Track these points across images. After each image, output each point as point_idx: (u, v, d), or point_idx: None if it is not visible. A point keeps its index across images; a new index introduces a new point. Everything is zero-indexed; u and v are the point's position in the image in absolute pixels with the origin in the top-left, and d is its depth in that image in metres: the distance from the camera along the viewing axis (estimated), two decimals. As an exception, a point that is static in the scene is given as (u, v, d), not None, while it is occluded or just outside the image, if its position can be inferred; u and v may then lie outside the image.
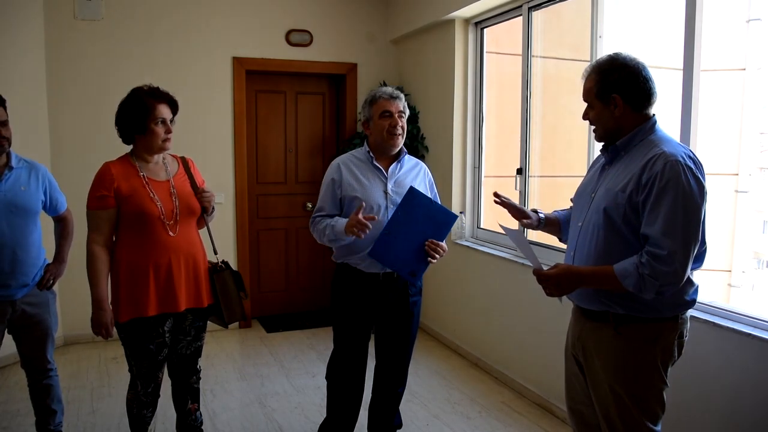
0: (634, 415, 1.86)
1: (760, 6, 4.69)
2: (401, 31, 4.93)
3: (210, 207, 2.54)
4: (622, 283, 1.78)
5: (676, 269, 1.72)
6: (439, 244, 2.54)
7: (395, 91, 2.64)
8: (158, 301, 2.36)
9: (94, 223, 2.35)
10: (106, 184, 2.32)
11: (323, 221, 2.62)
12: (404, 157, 2.71)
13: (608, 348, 1.90)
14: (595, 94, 1.91)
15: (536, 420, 3.30)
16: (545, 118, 4.05)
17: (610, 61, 1.90)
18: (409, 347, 2.78)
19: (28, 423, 3.10)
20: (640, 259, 1.75)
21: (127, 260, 2.35)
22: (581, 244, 1.97)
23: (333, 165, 2.70)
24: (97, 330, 2.36)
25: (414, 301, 2.72)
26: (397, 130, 2.59)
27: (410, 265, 2.55)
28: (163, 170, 2.47)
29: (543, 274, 1.92)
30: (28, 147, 3.30)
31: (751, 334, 2.28)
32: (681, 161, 1.76)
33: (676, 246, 1.72)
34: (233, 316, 2.54)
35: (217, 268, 2.55)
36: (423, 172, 2.77)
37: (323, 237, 2.61)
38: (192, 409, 2.63)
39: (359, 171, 2.63)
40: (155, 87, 2.42)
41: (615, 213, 1.84)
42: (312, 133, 5.26)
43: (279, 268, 5.25)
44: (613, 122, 1.91)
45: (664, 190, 1.74)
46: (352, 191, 2.59)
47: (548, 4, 3.61)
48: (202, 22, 4.65)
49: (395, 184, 2.64)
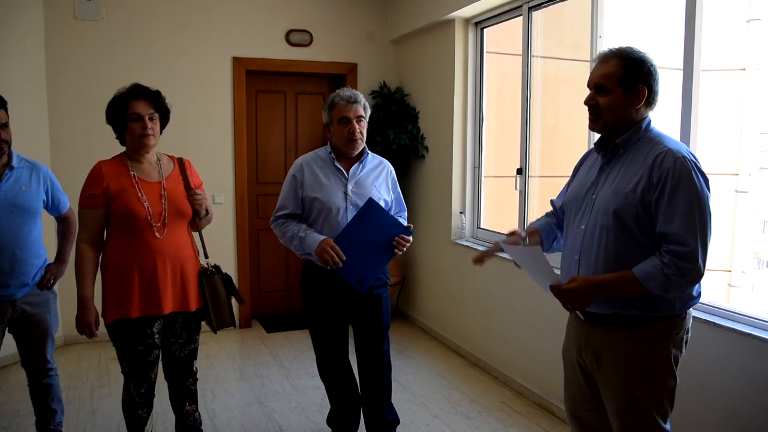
0: (649, 415, 1.84)
1: (760, 6, 4.69)
2: (401, 31, 4.93)
3: (201, 209, 2.48)
4: (646, 287, 1.74)
5: (699, 265, 1.72)
6: (406, 239, 2.61)
7: (354, 95, 2.65)
8: (141, 303, 2.34)
9: (84, 222, 2.36)
10: (95, 184, 2.33)
11: (289, 225, 2.66)
12: (367, 158, 2.73)
13: (623, 350, 1.86)
14: (618, 80, 1.83)
15: (536, 420, 3.30)
16: (545, 118, 4.05)
17: (635, 52, 1.85)
18: (381, 339, 2.79)
19: (28, 423, 3.10)
20: (662, 260, 1.73)
21: (114, 260, 2.35)
22: (587, 248, 1.92)
23: (296, 163, 2.74)
24: (80, 329, 2.36)
25: (379, 293, 2.74)
26: (355, 136, 2.62)
27: (359, 274, 2.57)
28: (156, 171, 2.44)
29: (564, 289, 1.85)
30: (28, 147, 3.30)
31: (751, 334, 2.28)
32: (688, 158, 1.76)
33: (696, 242, 1.72)
34: (222, 322, 2.51)
35: (208, 272, 2.50)
36: (386, 171, 2.80)
37: (289, 244, 2.66)
38: (190, 411, 2.61)
39: (321, 171, 2.67)
40: (134, 84, 2.42)
41: (626, 214, 1.81)
42: (312, 133, 5.26)
43: (279, 268, 5.25)
44: (627, 113, 1.86)
45: (678, 187, 1.73)
46: (313, 192, 2.63)
47: (548, 4, 3.61)
48: (202, 22, 4.66)
49: (356, 185, 2.67)
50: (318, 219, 2.64)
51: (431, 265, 4.77)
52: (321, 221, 2.64)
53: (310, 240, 2.56)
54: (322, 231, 2.61)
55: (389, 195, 2.77)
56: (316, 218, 2.65)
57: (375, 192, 2.68)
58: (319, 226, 2.64)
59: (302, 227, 2.63)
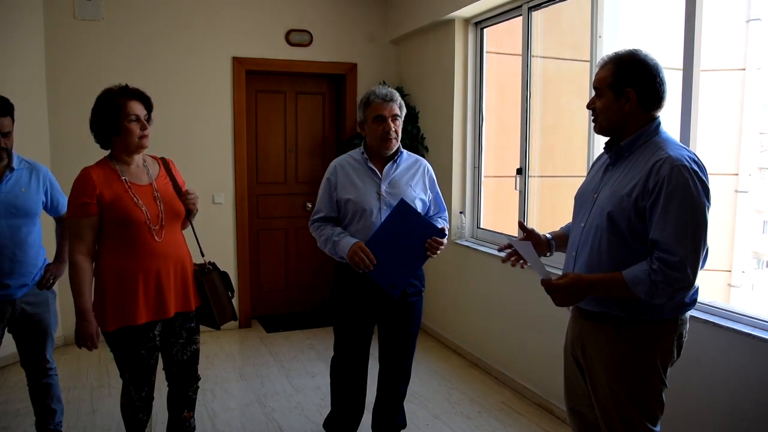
0: (633, 416, 1.86)
1: (760, 6, 4.69)
2: (401, 31, 4.93)
3: (195, 209, 2.47)
4: (633, 290, 1.76)
5: (688, 275, 1.72)
6: (439, 241, 2.54)
7: (389, 93, 2.60)
8: (148, 309, 2.29)
9: (76, 232, 2.25)
10: (87, 191, 2.22)
11: (324, 229, 2.63)
12: (401, 157, 2.68)
13: (607, 348, 1.89)
14: (608, 84, 1.88)
15: (536, 420, 3.30)
16: (545, 118, 4.05)
17: (630, 55, 1.88)
18: (409, 347, 2.78)
19: (28, 423, 3.10)
20: (651, 266, 1.74)
21: (114, 269, 2.26)
22: (583, 246, 1.95)
23: (330, 166, 2.71)
24: (81, 342, 2.29)
25: (412, 301, 2.71)
26: (390, 135, 2.57)
27: (391, 277, 2.52)
28: (144, 173, 2.38)
29: (553, 285, 1.88)
30: (27, 147, 3.30)
31: (751, 334, 2.29)
32: (687, 166, 1.75)
33: (687, 252, 1.71)
34: (224, 317, 2.51)
35: (205, 269, 2.49)
36: (423, 169, 2.73)
37: (324, 247, 2.63)
38: (187, 417, 2.58)
39: (354, 173, 2.63)
40: (124, 85, 2.35)
41: (620, 218, 1.82)
42: (312, 133, 5.26)
43: (279, 268, 5.24)
44: (619, 116, 1.89)
45: (672, 195, 1.73)
46: (346, 193, 2.60)
47: (548, 4, 3.61)
48: (202, 22, 4.65)
49: (390, 185, 2.62)
50: (352, 221, 2.61)
51: (431, 265, 4.75)
52: (355, 223, 2.60)
53: (342, 243, 2.53)
54: (357, 233, 2.57)
55: (426, 194, 2.70)
56: (351, 220, 2.61)
57: (410, 192, 2.62)
58: (353, 228, 2.60)
59: (336, 230, 2.60)
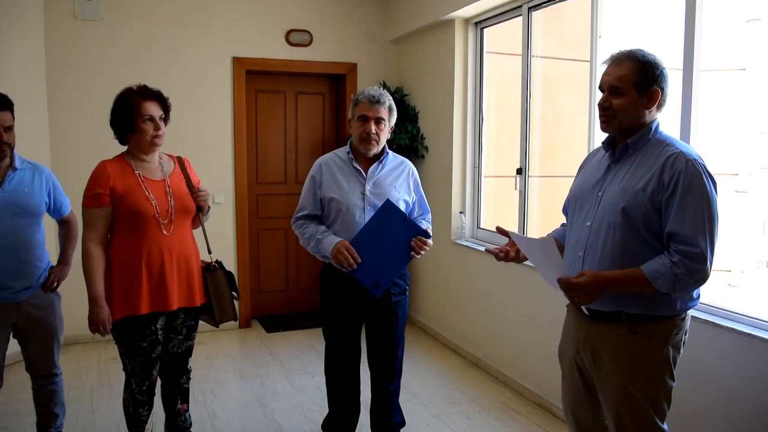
0: (647, 415, 1.85)
1: (760, 6, 4.68)
2: (401, 31, 4.93)
3: (205, 206, 2.56)
4: (654, 285, 1.75)
5: (707, 267, 1.74)
6: (424, 241, 2.55)
7: (379, 95, 2.59)
8: (150, 300, 2.37)
9: (90, 221, 2.36)
10: (101, 183, 2.34)
11: (308, 227, 2.64)
12: (387, 158, 2.68)
13: (622, 348, 1.87)
14: (633, 82, 1.84)
15: (536, 420, 3.30)
16: (545, 118, 4.05)
17: (648, 55, 1.86)
18: (394, 346, 2.75)
19: (28, 423, 3.10)
20: (672, 259, 1.74)
21: (121, 258, 2.37)
22: (592, 244, 1.92)
23: (315, 164, 2.72)
24: (94, 327, 2.34)
25: (397, 300, 2.70)
26: (370, 136, 2.57)
27: (375, 277, 2.53)
28: (159, 170, 2.49)
29: (573, 283, 1.85)
30: (27, 147, 3.30)
31: (751, 334, 2.29)
32: (699, 161, 1.78)
33: (706, 244, 1.74)
34: (225, 315, 2.56)
35: (211, 267, 2.56)
36: (408, 171, 2.74)
37: (306, 245, 2.64)
38: (181, 410, 2.64)
39: (339, 172, 2.64)
40: (143, 86, 2.43)
41: (635, 212, 1.82)
42: (312, 133, 5.26)
43: (279, 268, 5.25)
44: (640, 115, 1.87)
45: (689, 188, 1.75)
46: (330, 192, 2.61)
47: (548, 4, 3.61)
48: (202, 23, 4.66)
49: (374, 186, 2.62)
50: (336, 220, 2.61)
51: (431, 265, 4.77)
52: (338, 222, 2.60)
53: (326, 242, 2.53)
54: (340, 232, 2.58)
55: (410, 196, 2.70)
56: (334, 219, 2.61)
57: (394, 193, 2.62)
58: (336, 227, 2.60)
59: (320, 229, 2.61)
